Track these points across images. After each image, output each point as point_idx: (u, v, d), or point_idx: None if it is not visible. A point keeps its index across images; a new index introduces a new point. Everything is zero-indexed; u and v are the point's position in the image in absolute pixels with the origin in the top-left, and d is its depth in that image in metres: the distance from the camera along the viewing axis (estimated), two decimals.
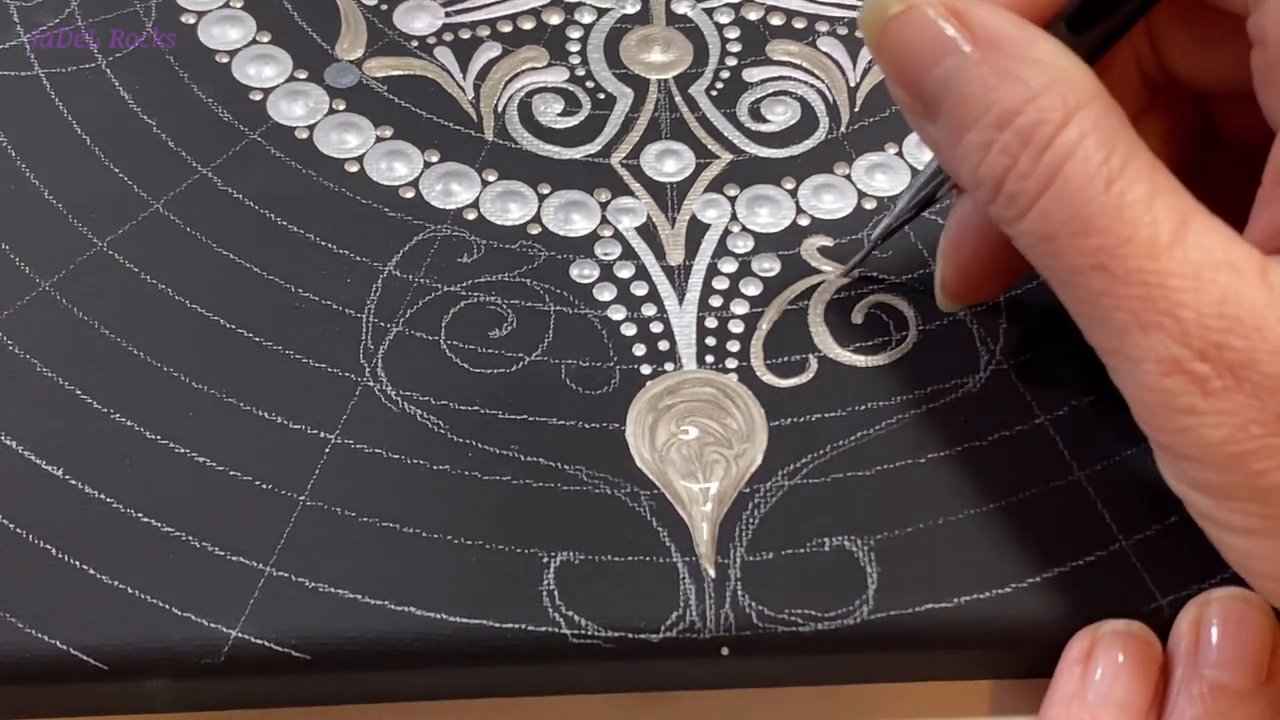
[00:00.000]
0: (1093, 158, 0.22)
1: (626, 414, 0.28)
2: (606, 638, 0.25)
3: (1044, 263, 0.23)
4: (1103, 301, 0.22)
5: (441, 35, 0.35)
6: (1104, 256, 0.21)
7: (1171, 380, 0.21)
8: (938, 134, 0.24)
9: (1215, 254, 0.21)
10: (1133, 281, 0.21)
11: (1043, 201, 0.22)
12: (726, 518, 0.26)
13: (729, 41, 0.35)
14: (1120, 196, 0.21)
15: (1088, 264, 0.22)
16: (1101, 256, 0.21)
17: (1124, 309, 0.22)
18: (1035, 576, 0.26)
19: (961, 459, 0.27)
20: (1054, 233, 0.22)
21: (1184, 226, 0.21)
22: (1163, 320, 0.21)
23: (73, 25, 0.34)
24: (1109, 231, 0.21)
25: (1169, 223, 0.21)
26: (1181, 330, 0.21)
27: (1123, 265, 0.21)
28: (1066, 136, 0.22)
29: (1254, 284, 0.21)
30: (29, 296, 0.29)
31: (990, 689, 0.26)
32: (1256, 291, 0.21)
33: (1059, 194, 0.22)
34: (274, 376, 0.28)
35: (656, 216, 0.31)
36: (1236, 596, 0.25)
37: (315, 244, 0.30)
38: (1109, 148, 0.22)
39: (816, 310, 0.30)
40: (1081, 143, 0.22)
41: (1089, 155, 0.22)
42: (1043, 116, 0.22)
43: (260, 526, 0.26)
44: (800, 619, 0.25)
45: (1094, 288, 0.22)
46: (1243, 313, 0.21)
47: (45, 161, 0.31)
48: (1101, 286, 0.22)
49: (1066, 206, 0.22)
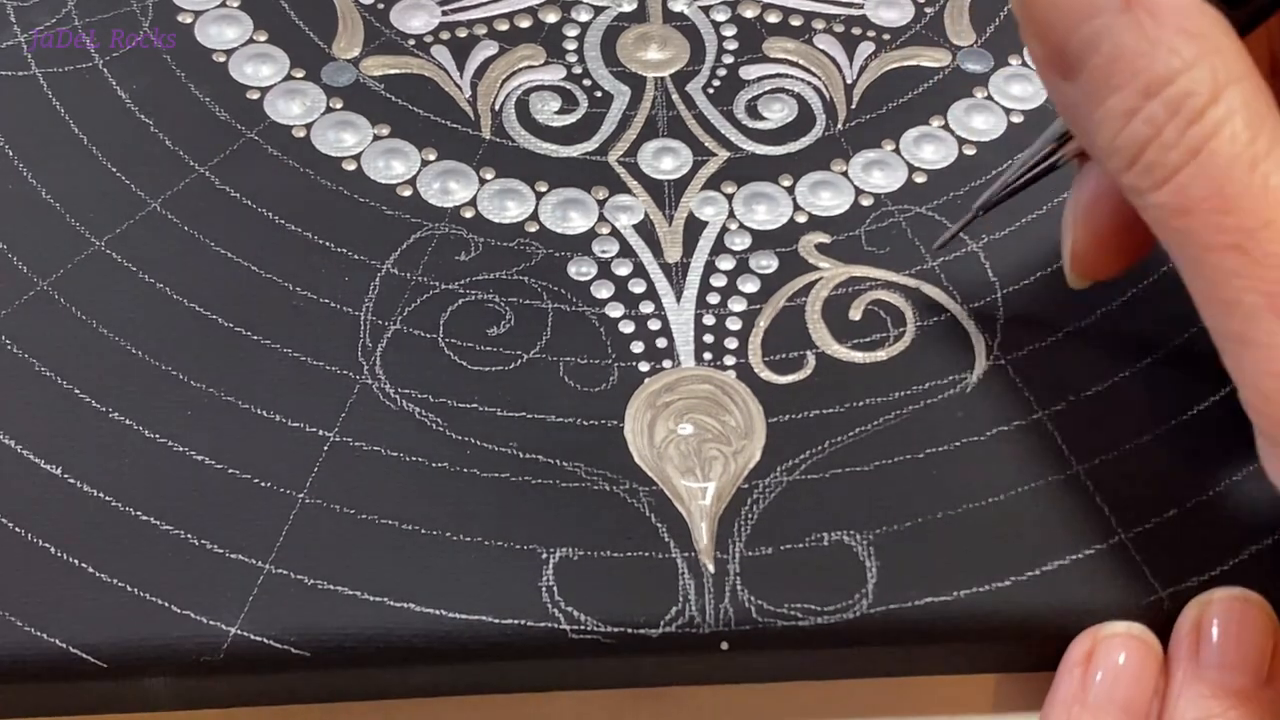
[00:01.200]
0: (1240, 136, 0.21)
1: (625, 411, 0.28)
2: (606, 633, 0.25)
3: (1173, 238, 0.23)
4: (1235, 282, 0.22)
5: (438, 34, 0.35)
6: (1243, 237, 0.21)
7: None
8: (1074, 94, 0.23)
9: None
10: (1270, 265, 0.21)
11: (1183, 175, 0.22)
12: (725, 513, 0.26)
13: (725, 39, 0.35)
14: (1265, 179, 0.21)
15: (1224, 242, 0.22)
16: (1240, 237, 0.21)
17: (1258, 291, 0.21)
18: (1034, 570, 0.26)
19: (960, 454, 0.27)
20: (1191, 208, 0.22)
21: None
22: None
23: (70, 25, 0.34)
24: (1251, 213, 0.21)
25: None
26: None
27: (1261, 248, 0.21)
28: (1216, 112, 0.21)
29: None
30: (27, 296, 0.29)
31: (989, 683, 0.26)
32: None
33: (1201, 169, 0.22)
34: (272, 375, 0.28)
35: (654, 214, 0.31)
36: (1237, 597, 0.25)
37: (313, 242, 0.30)
38: (1256, 129, 0.22)
39: (814, 307, 0.30)
40: (1230, 120, 0.21)
41: (1236, 134, 0.21)
42: (1193, 89, 0.21)
43: (259, 524, 0.26)
44: (799, 614, 0.25)
45: (1227, 267, 0.22)
46: None
47: (43, 161, 0.31)
48: (1235, 267, 0.21)
49: (1208, 183, 0.22)
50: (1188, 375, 0.27)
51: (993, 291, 0.30)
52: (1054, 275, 0.30)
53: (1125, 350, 0.29)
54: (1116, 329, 0.29)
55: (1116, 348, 0.29)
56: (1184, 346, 0.29)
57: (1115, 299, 0.30)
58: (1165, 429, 0.28)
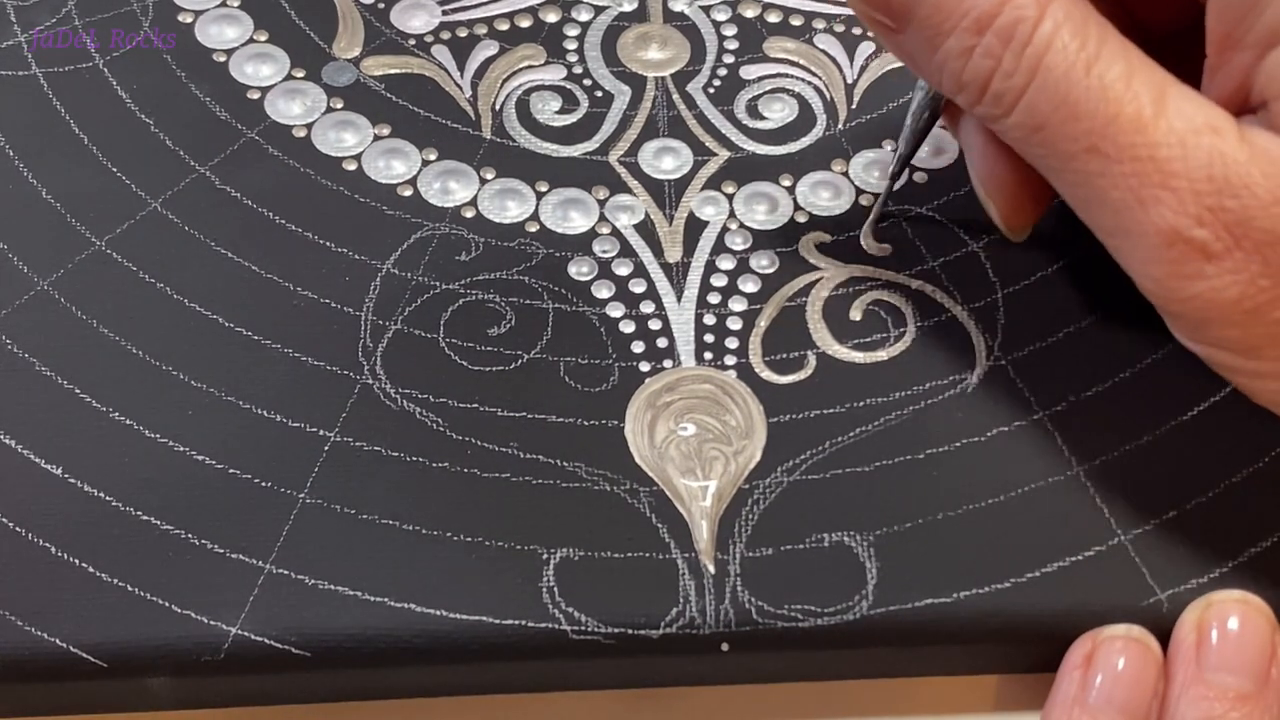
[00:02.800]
0: (1069, 46, 0.23)
1: (625, 411, 0.28)
2: (606, 634, 0.25)
3: (1036, 153, 0.24)
4: (1099, 182, 0.23)
5: (439, 33, 0.35)
6: (1095, 138, 0.22)
7: (1175, 250, 0.22)
8: (910, 44, 0.24)
9: (1196, 120, 0.22)
10: (1125, 158, 0.22)
11: (1029, 94, 0.23)
12: (726, 514, 0.26)
13: (726, 39, 0.35)
14: (1100, 78, 0.22)
15: (1080, 148, 0.23)
16: (1093, 139, 0.22)
17: (1120, 187, 0.22)
18: (1034, 571, 0.26)
19: (960, 455, 0.27)
20: (1042, 123, 0.23)
21: (1163, 98, 0.22)
22: (1158, 193, 0.22)
23: (70, 25, 0.34)
24: (1096, 114, 0.22)
25: (1148, 96, 0.22)
26: (1177, 199, 0.22)
27: (1113, 143, 0.22)
28: (1043, 30, 0.23)
29: (1235, 143, 0.22)
30: (28, 295, 0.29)
31: (989, 684, 0.26)
32: (1239, 150, 0.22)
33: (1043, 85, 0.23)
34: (273, 375, 0.28)
35: (654, 214, 0.31)
36: (1238, 599, 0.25)
37: (313, 242, 0.30)
38: (1083, 35, 0.23)
39: (815, 307, 0.30)
40: (1057, 33, 0.23)
41: (1066, 44, 0.23)
42: (1020, 14, 0.23)
43: (260, 524, 0.26)
44: (800, 614, 0.25)
45: (1089, 170, 0.23)
46: (1230, 173, 0.22)
47: (43, 161, 0.31)
48: (1096, 168, 0.23)
49: (1052, 96, 0.23)
50: (1188, 376, 0.27)
51: (993, 292, 0.30)
52: (1054, 275, 0.30)
53: (1125, 350, 0.29)
54: (1116, 329, 0.29)
55: (1116, 348, 0.29)
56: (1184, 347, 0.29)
57: (1115, 299, 0.29)
58: (1165, 430, 0.28)
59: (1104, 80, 0.22)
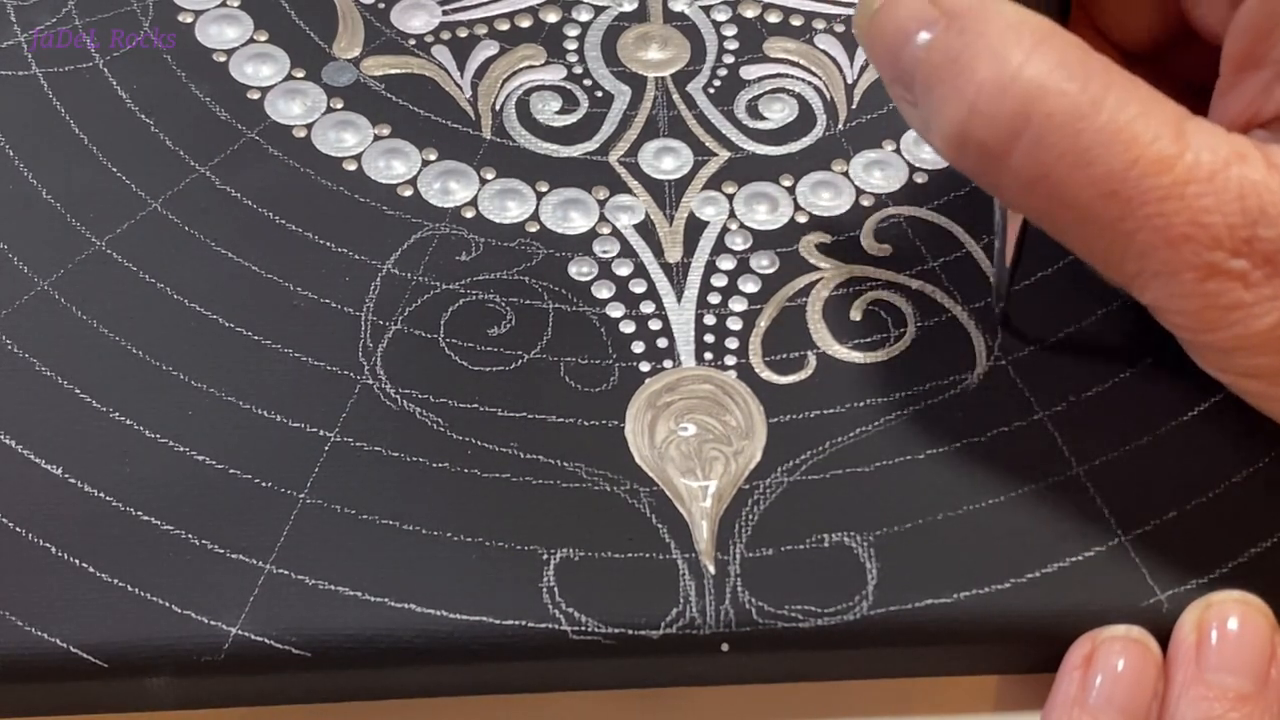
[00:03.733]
0: (1068, 89, 0.22)
1: (625, 411, 0.28)
2: (606, 634, 0.25)
3: (1041, 207, 0.23)
4: (1121, 227, 0.22)
5: (439, 34, 0.35)
6: (1114, 183, 0.21)
7: (1212, 284, 0.21)
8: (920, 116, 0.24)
9: (1221, 151, 0.21)
10: (1150, 200, 0.21)
11: (1022, 143, 0.22)
12: (726, 514, 0.26)
13: (726, 39, 0.35)
14: (1113, 119, 0.21)
15: (1096, 194, 0.22)
16: (1112, 184, 0.21)
17: (1145, 229, 0.21)
18: (1034, 572, 0.26)
19: (961, 455, 0.27)
20: (1045, 172, 0.22)
21: (1182, 134, 0.21)
22: (1189, 231, 0.21)
23: (70, 25, 0.34)
24: (1113, 157, 0.21)
25: (1168, 133, 0.21)
26: (1211, 236, 0.21)
27: (1136, 187, 0.21)
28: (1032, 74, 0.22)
29: (1263, 170, 0.21)
30: (27, 295, 0.29)
31: (990, 685, 0.26)
32: (1270, 177, 0.21)
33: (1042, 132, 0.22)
34: (273, 375, 0.28)
35: (655, 214, 0.31)
36: (1238, 599, 0.25)
37: (313, 242, 0.30)
38: (1082, 77, 0.22)
39: (815, 307, 0.30)
40: (1050, 76, 0.22)
41: (1063, 87, 0.22)
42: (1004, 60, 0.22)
43: (260, 524, 0.26)
44: (800, 615, 0.25)
45: (1109, 216, 0.22)
46: (1264, 202, 0.21)
47: (43, 161, 0.31)
48: (1117, 213, 0.22)
49: (1056, 143, 0.22)
50: (1188, 376, 0.27)
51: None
52: (1054, 275, 0.30)
53: (1125, 350, 0.29)
54: (1116, 329, 0.29)
55: (1116, 348, 0.29)
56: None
57: (1116, 299, 0.30)
58: (1165, 430, 0.28)
59: (1118, 121, 0.21)
